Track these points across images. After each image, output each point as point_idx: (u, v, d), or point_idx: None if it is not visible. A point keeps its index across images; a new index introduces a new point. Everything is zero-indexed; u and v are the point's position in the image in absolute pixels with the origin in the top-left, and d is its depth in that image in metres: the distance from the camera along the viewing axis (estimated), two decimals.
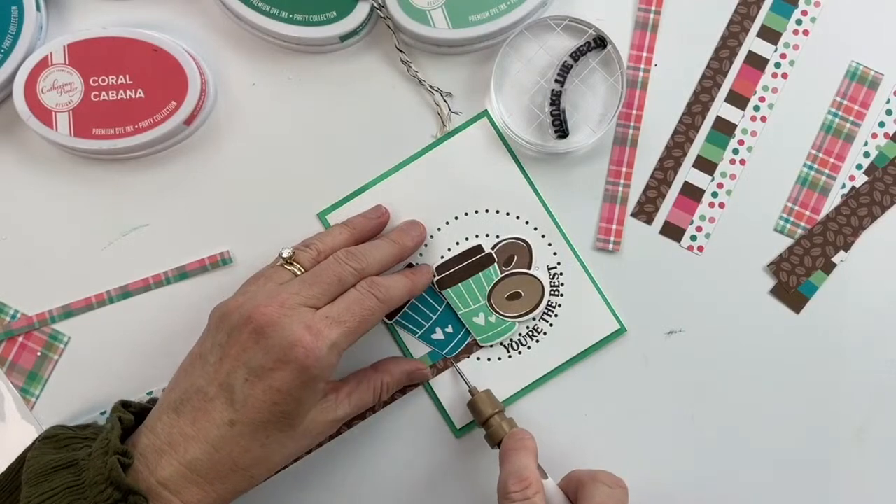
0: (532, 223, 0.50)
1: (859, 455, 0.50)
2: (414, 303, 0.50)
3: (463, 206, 0.50)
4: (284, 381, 0.40)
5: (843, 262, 0.51)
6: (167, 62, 0.48)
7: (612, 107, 0.50)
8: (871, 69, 0.52)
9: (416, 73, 0.50)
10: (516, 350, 0.50)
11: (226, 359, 0.41)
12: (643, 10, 0.51)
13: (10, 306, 0.50)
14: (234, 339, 0.41)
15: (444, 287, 0.50)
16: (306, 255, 0.45)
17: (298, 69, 0.51)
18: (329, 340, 0.41)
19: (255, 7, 0.48)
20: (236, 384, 0.40)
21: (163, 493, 0.39)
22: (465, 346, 0.50)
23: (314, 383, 0.41)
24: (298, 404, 0.41)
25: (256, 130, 0.51)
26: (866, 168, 0.52)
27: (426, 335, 0.50)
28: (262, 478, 0.42)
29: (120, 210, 0.50)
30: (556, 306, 0.50)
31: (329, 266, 0.44)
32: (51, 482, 0.38)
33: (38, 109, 0.47)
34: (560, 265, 0.50)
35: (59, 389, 0.49)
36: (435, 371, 0.50)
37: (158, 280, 0.50)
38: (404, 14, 0.48)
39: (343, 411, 0.44)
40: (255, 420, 0.40)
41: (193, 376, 0.42)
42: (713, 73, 0.52)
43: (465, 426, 0.50)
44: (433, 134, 0.50)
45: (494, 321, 0.50)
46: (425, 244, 0.50)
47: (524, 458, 0.43)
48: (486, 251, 0.50)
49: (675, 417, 0.50)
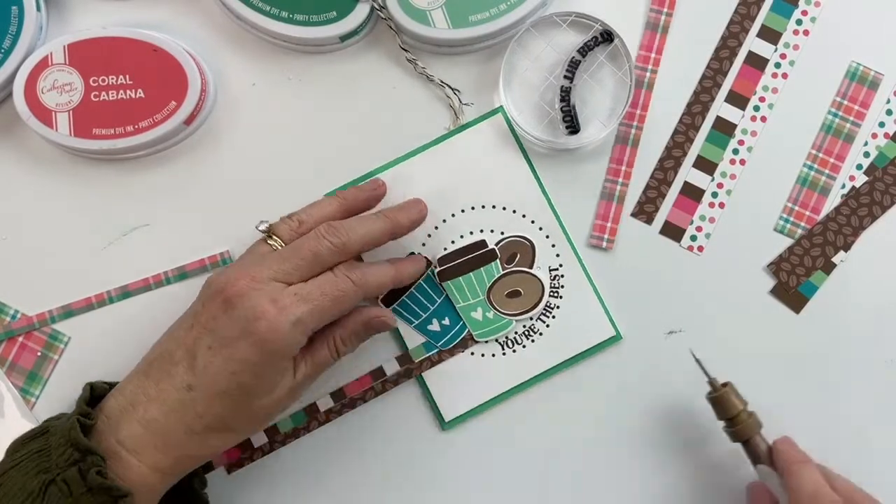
0: (538, 223, 0.50)
1: (859, 455, 0.50)
2: (413, 292, 0.50)
3: (470, 200, 0.50)
4: (245, 352, 0.40)
5: (843, 262, 0.51)
6: (167, 62, 0.48)
7: (621, 101, 0.50)
8: (871, 69, 0.52)
9: (425, 70, 0.50)
10: (511, 348, 0.50)
11: (196, 325, 0.41)
12: (655, 12, 0.51)
13: (10, 306, 0.50)
14: (206, 308, 0.41)
15: (444, 279, 0.50)
16: (285, 227, 0.44)
17: (298, 69, 0.51)
18: (293, 316, 0.40)
19: (255, 7, 0.48)
20: (199, 350, 0.41)
21: (121, 453, 0.40)
22: (460, 339, 0.50)
23: (275, 358, 0.41)
24: (257, 377, 0.41)
25: (256, 130, 0.51)
26: (866, 168, 0.52)
27: (422, 325, 0.50)
28: (219, 447, 0.42)
29: (120, 210, 0.50)
30: (555, 307, 0.50)
31: (306, 241, 0.43)
32: (24, 448, 0.40)
33: (38, 109, 0.47)
34: (562, 267, 0.50)
35: (59, 389, 0.49)
36: (428, 364, 0.50)
37: (158, 280, 0.50)
38: (404, 14, 0.48)
39: (301, 373, 0.43)
40: (211, 387, 0.40)
41: (167, 341, 0.42)
42: (713, 73, 0.52)
43: (454, 420, 0.50)
44: (446, 126, 0.50)
45: (492, 317, 0.50)
46: (429, 234, 0.50)
47: (814, 473, 0.43)
48: (490, 247, 0.50)
49: (675, 417, 0.50)
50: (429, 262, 0.50)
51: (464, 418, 0.50)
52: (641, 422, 0.50)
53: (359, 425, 0.50)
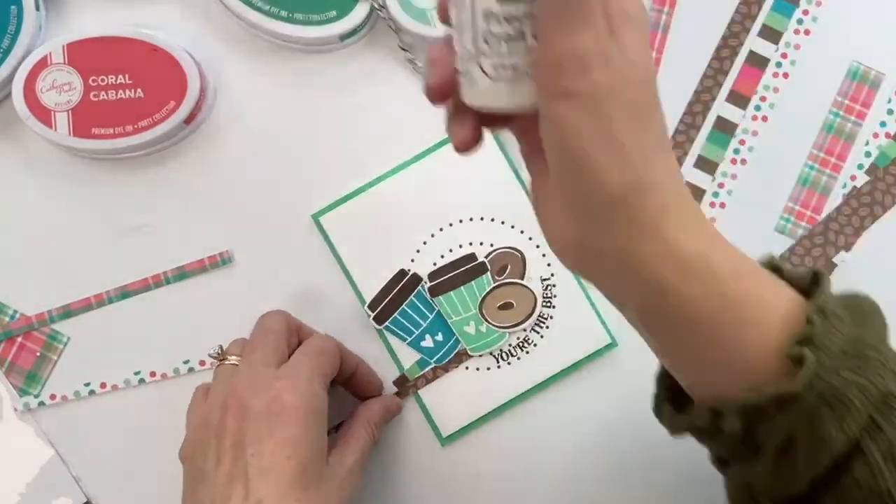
0: (527, 233, 0.50)
1: None
2: (404, 308, 0.49)
3: (457, 214, 0.50)
4: (285, 430, 0.39)
5: (844, 262, 0.51)
6: (167, 62, 0.48)
7: None
8: (873, 69, 0.52)
9: (423, 69, 0.50)
10: (506, 360, 0.50)
11: (224, 455, 0.39)
12: (655, 11, 0.51)
13: (9, 306, 0.49)
14: (222, 434, 0.39)
15: (435, 294, 0.49)
16: (235, 346, 0.45)
17: (298, 69, 0.51)
18: (302, 377, 0.41)
19: (255, 7, 0.48)
20: (245, 466, 0.38)
21: None
22: (454, 354, 0.50)
23: (313, 420, 0.40)
24: (310, 449, 0.39)
25: (256, 130, 0.51)
26: (867, 168, 0.51)
27: (416, 342, 0.50)
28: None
29: (120, 210, 0.50)
30: (548, 318, 0.50)
31: (258, 332, 0.44)
32: None
33: (37, 109, 0.47)
34: (553, 276, 0.50)
35: (58, 390, 0.49)
36: (423, 381, 0.49)
37: (158, 280, 0.50)
38: (405, 14, 0.48)
39: (351, 459, 0.43)
40: (279, 484, 0.38)
41: (201, 494, 0.39)
42: (714, 73, 0.52)
43: (452, 435, 0.49)
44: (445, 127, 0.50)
45: (485, 330, 0.49)
46: (417, 250, 0.50)
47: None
48: (480, 259, 0.49)
49: None
50: (418, 277, 0.49)
51: (462, 433, 0.49)
52: (643, 428, 0.50)
53: None
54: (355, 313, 0.50)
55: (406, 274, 0.50)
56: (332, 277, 0.50)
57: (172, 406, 0.49)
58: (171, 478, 0.49)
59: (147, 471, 0.49)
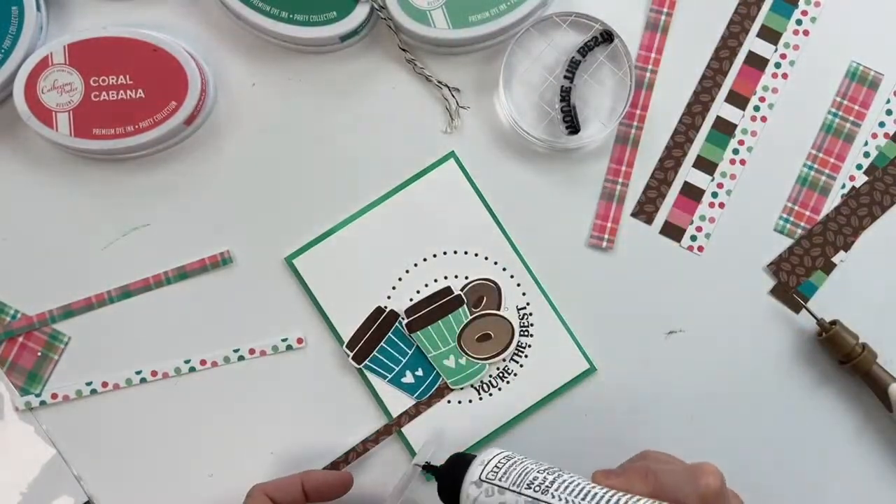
0: (500, 263, 0.50)
1: (859, 454, 0.50)
2: (383, 346, 0.49)
3: (431, 248, 0.50)
4: None
5: (843, 262, 0.51)
6: (167, 62, 0.48)
7: (621, 101, 0.50)
8: (871, 69, 0.52)
9: (423, 70, 0.50)
10: (487, 392, 0.50)
11: None
12: (655, 12, 0.51)
13: (10, 306, 0.50)
14: None
15: (413, 330, 0.49)
16: None
17: (298, 69, 0.51)
18: None
19: (255, 7, 0.48)
20: None
21: None
22: (435, 389, 0.49)
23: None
24: None
25: (256, 130, 0.51)
26: (866, 168, 0.52)
27: (396, 379, 0.49)
28: None
29: (120, 210, 0.50)
30: (527, 346, 0.50)
31: None
32: None
33: (38, 109, 0.47)
34: (529, 305, 0.50)
35: (59, 389, 0.49)
36: (407, 418, 0.49)
37: (158, 280, 0.50)
38: (404, 14, 0.48)
39: None
40: None
41: None
42: (713, 73, 0.52)
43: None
44: (442, 129, 0.50)
45: (465, 363, 0.49)
46: (393, 287, 0.50)
47: None
48: (456, 293, 0.49)
49: (675, 417, 0.50)
50: (395, 314, 0.49)
51: None
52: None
53: None
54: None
55: (383, 311, 0.50)
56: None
57: (174, 405, 0.50)
58: (172, 477, 0.50)
59: (148, 470, 0.49)
